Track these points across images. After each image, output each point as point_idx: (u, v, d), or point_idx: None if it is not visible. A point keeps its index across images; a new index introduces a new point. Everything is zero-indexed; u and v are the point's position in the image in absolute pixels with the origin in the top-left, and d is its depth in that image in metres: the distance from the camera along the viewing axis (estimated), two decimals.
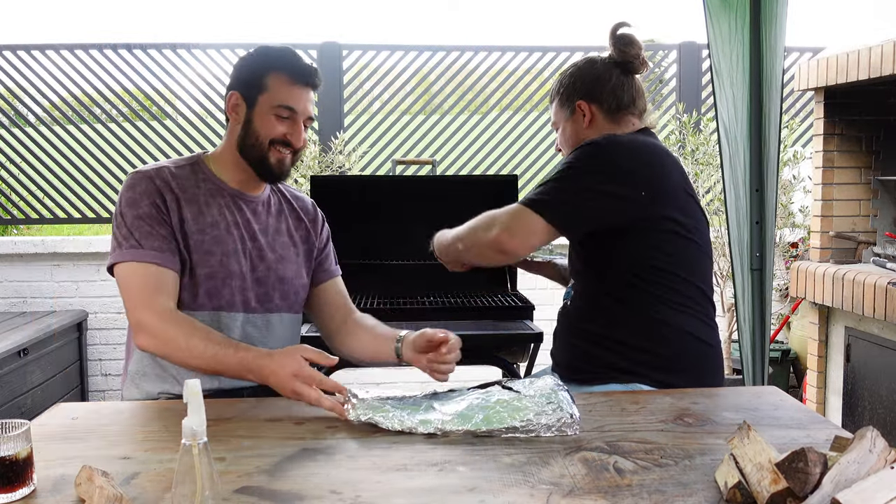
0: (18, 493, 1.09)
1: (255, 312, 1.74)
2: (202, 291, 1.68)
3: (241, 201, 1.77)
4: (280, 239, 1.80)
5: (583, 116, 1.79)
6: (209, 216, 1.70)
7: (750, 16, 2.59)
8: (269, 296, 1.76)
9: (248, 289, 1.72)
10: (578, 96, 1.78)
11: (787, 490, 0.95)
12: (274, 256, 1.77)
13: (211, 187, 1.74)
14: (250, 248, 1.74)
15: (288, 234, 1.83)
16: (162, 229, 1.65)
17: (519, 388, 1.44)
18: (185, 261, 1.67)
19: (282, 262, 1.78)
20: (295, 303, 1.82)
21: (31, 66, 4.57)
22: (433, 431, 1.32)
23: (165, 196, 1.67)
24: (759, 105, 2.62)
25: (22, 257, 4.29)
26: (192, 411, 0.99)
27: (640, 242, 1.65)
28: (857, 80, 3.13)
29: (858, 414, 3.27)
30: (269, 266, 1.76)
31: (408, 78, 4.83)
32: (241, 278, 1.72)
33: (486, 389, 1.47)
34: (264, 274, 1.75)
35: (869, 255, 3.42)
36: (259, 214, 1.79)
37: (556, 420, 1.32)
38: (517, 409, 1.36)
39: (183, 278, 1.67)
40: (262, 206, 1.80)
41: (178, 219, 1.67)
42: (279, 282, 1.77)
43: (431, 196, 2.99)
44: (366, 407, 1.39)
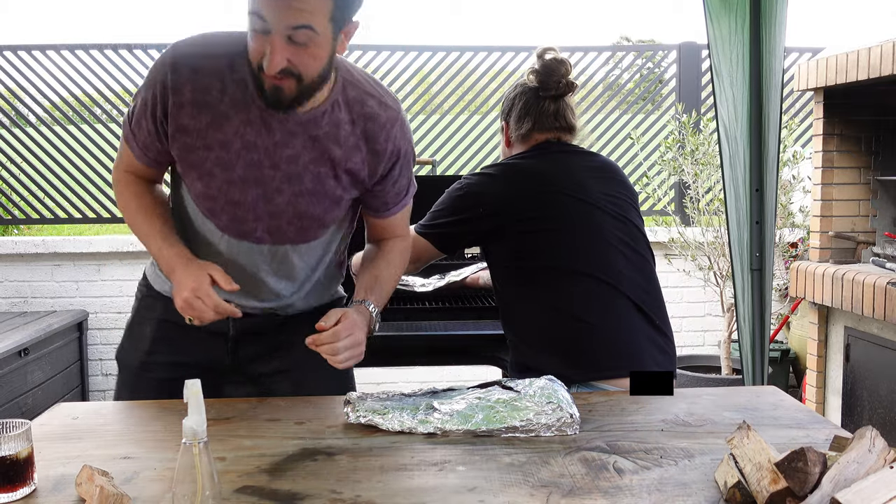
0: (19, 493, 1.09)
1: (262, 243, 1.53)
2: (202, 207, 1.52)
3: (274, 120, 1.43)
4: (317, 169, 1.48)
5: (503, 133, 1.97)
6: (222, 132, 1.43)
7: (750, 16, 2.59)
8: (283, 230, 1.52)
9: (257, 219, 1.50)
10: (502, 117, 1.96)
11: (787, 490, 0.95)
12: (297, 189, 1.48)
13: (240, 97, 1.42)
14: (269, 178, 1.46)
15: (332, 165, 1.48)
16: (146, 123, 1.47)
17: (519, 388, 1.44)
18: (182, 170, 1.50)
19: (308, 196, 1.49)
20: (318, 233, 1.56)
21: (31, 66, 4.57)
22: (433, 431, 1.32)
23: (171, 96, 1.42)
24: (759, 105, 2.62)
25: (22, 257, 4.29)
26: (192, 411, 0.99)
27: (502, 248, 1.81)
28: (857, 80, 3.13)
29: (858, 414, 3.27)
30: (288, 200, 1.48)
31: (408, 78, 4.83)
32: (248, 209, 1.49)
33: (485, 389, 1.47)
34: (280, 208, 1.49)
35: (868, 255, 3.42)
36: (295, 137, 1.45)
37: (555, 420, 1.33)
38: (517, 408, 1.36)
39: (188, 183, 1.51)
40: (305, 127, 1.45)
41: (178, 126, 1.44)
42: (298, 217, 1.51)
43: (431, 196, 2.99)
44: (365, 408, 1.38)
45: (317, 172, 1.48)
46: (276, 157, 1.45)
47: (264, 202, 1.49)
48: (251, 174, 1.46)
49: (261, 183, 1.47)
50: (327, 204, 1.52)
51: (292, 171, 1.47)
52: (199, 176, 1.48)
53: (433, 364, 2.58)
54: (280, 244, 1.54)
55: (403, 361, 2.48)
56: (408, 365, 2.51)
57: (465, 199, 1.83)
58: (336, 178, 1.50)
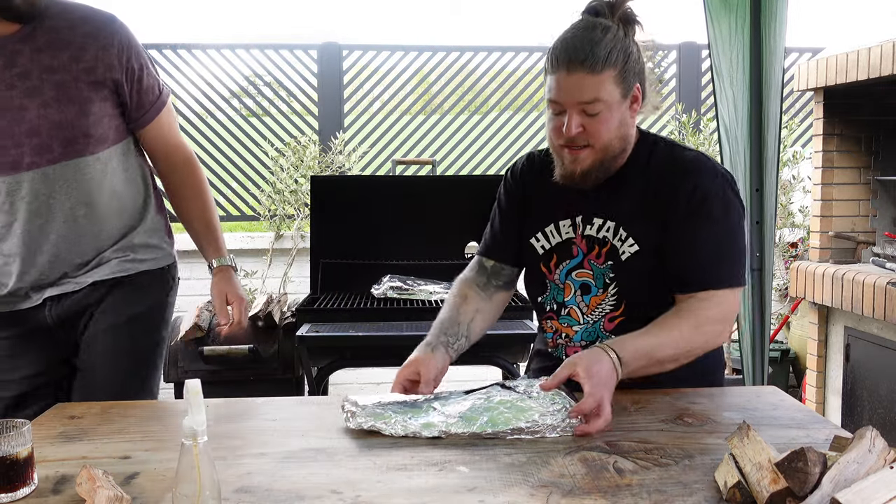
0: (19, 493, 1.09)
1: (37, 167, 1.56)
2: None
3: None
4: (53, 77, 1.54)
5: (632, 104, 1.53)
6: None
7: (750, 16, 2.59)
8: (49, 147, 1.55)
9: (17, 145, 1.54)
10: (637, 78, 1.51)
11: (787, 490, 0.95)
12: (41, 100, 1.53)
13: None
14: (8, 98, 1.53)
15: (66, 69, 1.55)
16: None
17: (520, 389, 1.43)
18: None
19: (55, 104, 1.54)
20: (87, 146, 1.59)
21: None
22: (437, 435, 1.30)
23: None
24: (759, 105, 2.62)
25: None
26: (192, 411, 0.99)
27: None
28: (857, 80, 3.13)
29: (858, 414, 3.27)
30: (38, 114, 1.53)
31: (408, 78, 4.83)
32: (5, 136, 1.53)
33: (486, 390, 1.47)
34: (34, 124, 1.53)
35: (868, 255, 3.42)
36: (19, 54, 1.54)
37: (560, 420, 1.32)
38: (521, 409, 1.35)
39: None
40: (24, 43, 1.54)
41: None
42: (56, 128, 1.55)
43: (431, 196, 2.99)
44: (367, 414, 1.37)
45: (54, 81, 1.54)
46: (8, 77, 1.53)
47: (16, 124, 1.53)
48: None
49: (4, 106, 1.52)
50: (77, 108, 1.56)
51: (30, 84, 1.53)
52: None
53: None
54: (53, 162, 1.56)
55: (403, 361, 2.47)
56: None
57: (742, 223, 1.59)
58: (75, 81, 1.56)
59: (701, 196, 1.51)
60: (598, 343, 1.51)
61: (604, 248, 1.58)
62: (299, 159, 4.42)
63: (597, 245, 1.58)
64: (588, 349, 1.43)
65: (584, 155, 1.51)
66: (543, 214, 1.65)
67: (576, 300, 1.61)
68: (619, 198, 1.57)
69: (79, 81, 1.56)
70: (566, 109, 1.48)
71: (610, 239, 1.57)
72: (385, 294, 2.69)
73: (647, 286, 1.55)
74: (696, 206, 1.50)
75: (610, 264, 1.57)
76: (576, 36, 1.46)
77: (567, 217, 1.62)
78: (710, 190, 1.51)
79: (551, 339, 1.66)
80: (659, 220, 1.54)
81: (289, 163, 4.43)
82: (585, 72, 1.44)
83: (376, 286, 2.73)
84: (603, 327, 1.59)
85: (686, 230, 1.51)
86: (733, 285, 1.51)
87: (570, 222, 1.62)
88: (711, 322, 1.49)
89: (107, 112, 1.61)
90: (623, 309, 1.57)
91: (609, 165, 1.54)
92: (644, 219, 1.55)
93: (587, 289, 1.60)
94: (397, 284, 2.73)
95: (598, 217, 1.59)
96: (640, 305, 1.54)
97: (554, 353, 1.66)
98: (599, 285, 1.58)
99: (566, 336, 1.63)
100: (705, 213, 1.50)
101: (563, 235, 1.62)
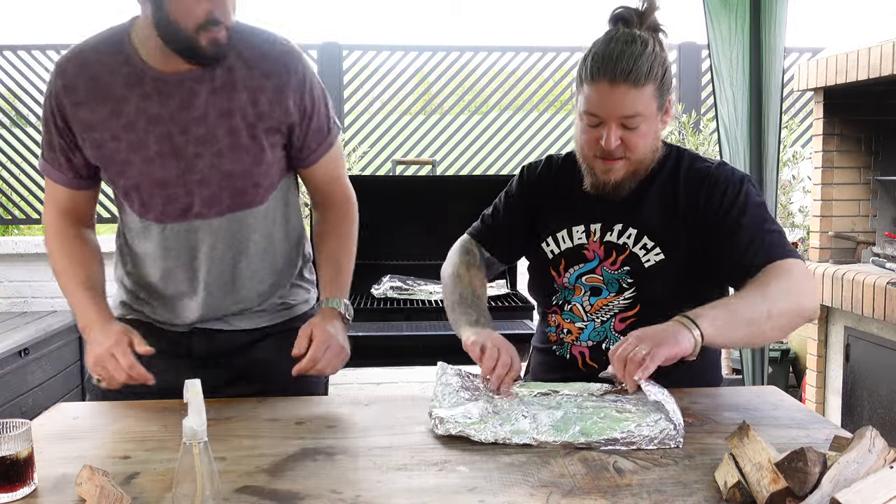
0: (19, 493, 1.09)
1: (203, 218, 1.48)
2: (136, 203, 1.49)
3: (169, 85, 1.42)
4: (228, 123, 1.44)
5: (664, 115, 1.55)
6: (124, 116, 1.42)
7: (750, 16, 2.59)
8: (218, 198, 1.48)
9: (188, 193, 1.47)
10: (670, 92, 1.54)
11: (787, 490, 0.95)
12: (216, 149, 1.45)
13: (129, 72, 1.42)
14: (183, 145, 1.44)
15: (241, 114, 1.45)
16: (56, 139, 1.48)
17: (622, 399, 1.40)
18: (105, 174, 1.50)
19: (229, 153, 1.45)
20: (256, 196, 1.51)
21: (31, 66, 4.57)
22: (528, 442, 1.26)
23: (64, 99, 1.44)
24: (759, 105, 2.62)
25: (23, 257, 4.30)
26: (192, 411, 0.99)
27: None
28: (857, 80, 3.13)
29: (858, 413, 3.27)
30: (210, 163, 1.45)
31: (408, 78, 4.83)
32: (176, 185, 1.46)
33: (578, 394, 1.44)
34: (206, 174, 1.45)
35: (868, 255, 3.42)
36: (196, 95, 1.43)
37: (658, 431, 1.25)
38: (617, 420, 1.29)
39: (117, 189, 1.51)
40: (201, 83, 1.43)
41: (84, 125, 1.44)
42: (226, 178, 1.46)
43: (431, 196, 2.99)
44: (455, 420, 1.31)
45: (228, 127, 1.44)
46: (183, 121, 1.43)
47: (188, 172, 1.45)
48: (166, 147, 1.44)
49: (178, 153, 1.44)
50: (251, 158, 1.47)
51: (203, 131, 1.44)
52: (121, 170, 1.46)
53: (433, 364, 2.58)
54: (221, 214, 1.49)
55: (403, 361, 2.48)
56: (408, 365, 2.51)
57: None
58: (250, 128, 1.46)
59: (733, 194, 1.53)
60: (606, 341, 1.55)
61: (621, 255, 1.58)
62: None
63: (615, 251, 1.58)
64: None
65: (618, 166, 1.51)
66: (557, 219, 1.65)
67: (581, 300, 1.61)
68: (644, 207, 1.58)
69: (254, 129, 1.46)
70: (604, 122, 1.48)
71: (630, 246, 1.57)
72: (385, 294, 2.69)
73: (668, 292, 1.56)
74: (731, 204, 1.52)
75: (627, 270, 1.57)
76: (618, 49, 1.45)
77: (581, 223, 1.62)
78: (740, 188, 1.54)
79: (554, 333, 1.66)
80: (690, 229, 1.55)
81: None
82: (629, 86, 1.44)
83: (376, 286, 2.73)
84: (613, 327, 1.59)
85: (730, 226, 1.51)
86: (794, 256, 1.49)
87: (583, 228, 1.62)
88: (796, 279, 1.43)
89: (277, 157, 1.52)
90: (638, 310, 1.57)
91: (640, 176, 1.56)
92: (672, 228, 1.56)
93: (597, 291, 1.60)
94: (397, 284, 2.74)
95: (618, 224, 1.59)
96: (655, 306, 1.54)
97: (558, 350, 1.65)
98: (612, 290, 1.58)
99: (570, 332, 1.63)
100: (740, 206, 1.52)
101: (574, 241, 1.62)
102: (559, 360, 1.63)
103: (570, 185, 1.65)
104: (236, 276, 1.56)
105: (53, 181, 1.53)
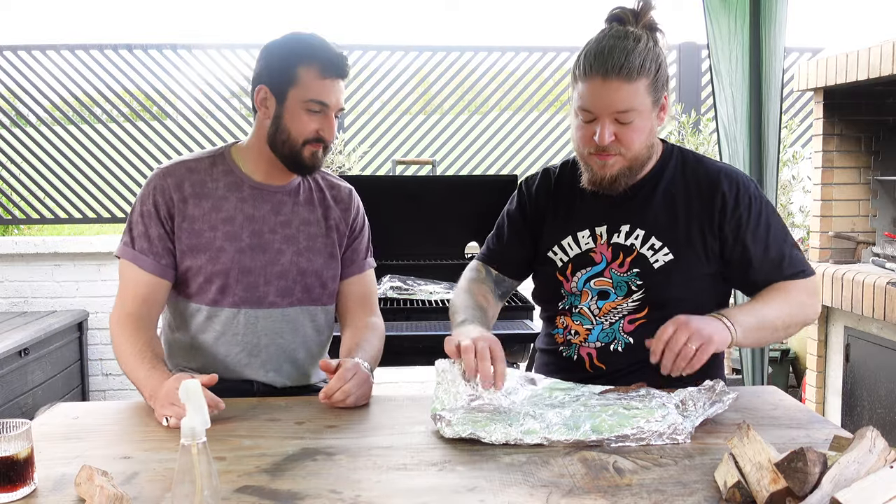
0: (19, 493, 1.09)
1: (275, 307, 1.72)
2: (214, 288, 1.68)
3: (264, 193, 1.72)
4: (308, 229, 1.75)
5: (660, 112, 1.55)
6: (224, 211, 1.68)
7: (749, 16, 2.59)
8: (290, 289, 1.72)
9: (267, 283, 1.70)
10: (665, 88, 1.55)
11: (787, 489, 0.95)
12: (296, 248, 1.73)
13: (231, 181, 1.71)
14: (270, 241, 1.70)
15: (317, 224, 1.77)
16: (154, 230, 1.66)
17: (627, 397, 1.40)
18: (191, 262, 1.66)
19: (306, 253, 1.73)
20: (322, 295, 1.77)
21: (31, 66, 4.57)
22: (539, 442, 1.26)
23: (173, 194, 1.67)
24: (759, 105, 2.62)
25: (23, 257, 4.30)
26: (192, 411, 0.99)
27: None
28: (857, 80, 3.13)
29: (857, 414, 3.27)
30: (290, 259, 1.72)
31: (408, 78, 4.83)
32: (259, 274, 1.69)
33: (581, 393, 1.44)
34: (285, 267, 1.71)
35: (868, 255, 3.42)
36: (284, 204, 1.74)
37: (667, 426, 1.27)
38: (626, 416, 1.30)
39: (197, 276, 1.68)
40: (289, 196, 1.75)
41: (185, 217, 1.66)
42: (301, 274, 1.73)
43: (431, 196, 2.99)
44: (464, 422, 1.30)
45: (308, 232, 1.75)
46: (273, 222, 1.72)
47: (271, 265, 1.71)
48: (256, 241, 1.70)
49: (265, 248, 1.70)
50: (323, 259, 1.75)
51: (288, 233, 1.73)
52: (211, 257, 1.67)
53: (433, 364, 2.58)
54: (291, 306, 1.73)
55: (403, 361, 2.47)
56: (408, 365, 2.51)
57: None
58: (325, 236, 1.77)
59: (753, 202, 1.57)
60: (615, 342, 1.57)
61: (629, 257, 1.58)
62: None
63: (622, 253, 1.58)
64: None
65: (612, 161, 1.51)
66: (561, 228, 1.65)
67: (589, 305, 1.61)
68: (651, 207, 1.59)
69: (326, 238, 1.77)
70: (598, 117, 1.48)
71: (637, 247, 1.58)
72: (385, 294, 2.69)
73: (678, 293, 1.56)
74: (756, 214, 1.56)
75: (636, 272, 1.57)
76: (609, 44, 1.46)
77: (586, 228, 1.62)
78: (756, 196, 1.59)
79: (561, 335, 1.65)
80: (702, 229, 1.56)
81: None
82: (622, 80, 1.44)
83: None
84: (622, 328, 1.59)
85: (758, 239, 1.56)
86: (811, 271, 1.59)
87: (588, 233, 1.62)
88: (808, 296, 1.57)
89: (340, 268, 1.80)
90: (647, 312, 1.57)
91: (636, 172, 1.56)
92: (681, 228, 1.57)
93: (605, 295, 1.59)
94: (397, 284, 2.74)
95: (625, 225, 1.59)
96: (665, 308, 1.54)
97: (565, 352, 1.64)
98: (620, 293, 1.58)
99: (577, 334, 1.62)
100: (764, 217, 1.57)
101: (582, 247, 1.62)
102: (566, 361, 1.63)
103: (571, 192, 1.65)
104: (289, 360, 1.76)
105: (141, 268, 1.66)
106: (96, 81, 4.62)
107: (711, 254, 1.57)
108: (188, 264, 1.67)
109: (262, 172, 1.73)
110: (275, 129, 1.67)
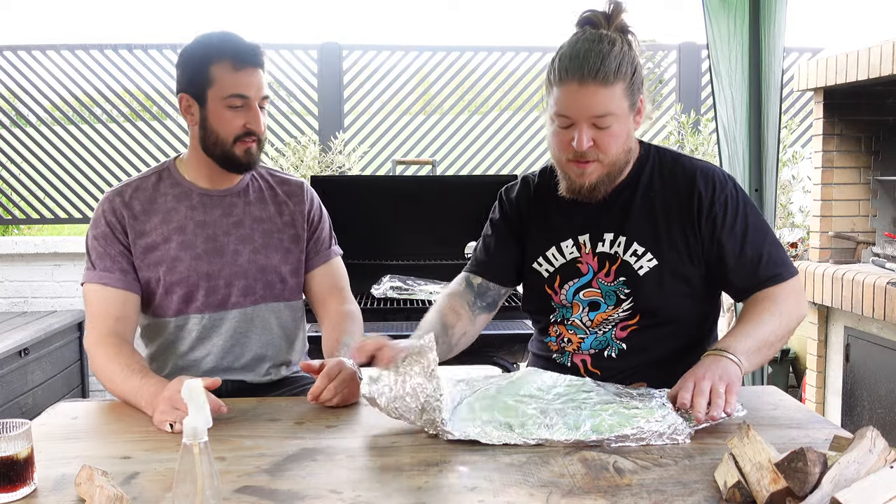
0: (19, 493, 1.09)
1: (239, 307, 1.74)
2: (176, 298, 1.70)
3: (213, 198, 1.75)
4: (262, 227, 1.77)
5: (636, 116, 1.53)
6: (175, 222, 1.71)
7: (749, 16, 2.59)
8: (252, 288, 1.75)
9: (228, 285, 1.72)
10: (641, 91, 1.52)
11: (787, 490, 0.95)
12: (252, 247, 1.75)
13: (179, 192, 1.74)
14: (226, 244, 1.73)
15: (270, 221, 1.79)
16: (113, 248, 1.67)
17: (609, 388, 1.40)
18: (150, 275, 1.68)
19: (263, 250, 1.76)
20: (283, 291, 1.79)
21: (31, 66, 4.58)
22: (539, 442, 1.26)
23: (123, 212, 1.69)
24: (759, 105, 2.62)
25: (23, 257, 4.30)
26: (193, 411, 0.99)
27: None
28: (857, 80, 3.13)
29: (857, 414, 3.27)
30: (248, 258, 1.74)
31: (408, 78, 4.83)
32: (219, 277, 1.72)
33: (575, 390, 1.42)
34: (244, 267, 1.73)
35: (868, 255, 3.42)
36: (235, 206, 1.76)
37: (667, 426, 1.27)
38: (627, 416, 1.30)
39: (157, 289, 1.70)
40: (239, 197, 1.77)
41: (137, 233, 1.68)
42: (261, 272, 1.75)
43: (431, 196, 2.99)
44: (459, 420, 1.30)
45: (262, 229, 1.76)
46: (226, 225, 1.74)
47: (230, 266, 1.73)
48: (211, 246, 1.72)
49: (221, 251, 1.72)
50: (280, 254, 1.77)
51: (243, 233, 1.75)
52: (168, 268, 1.69)
53: None
54: (255, 304, 1.75)
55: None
56: None
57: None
58: (280, 231, 1.79)
59: (729, 201, 1.54)
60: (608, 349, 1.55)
61: (614, 266, 1.57)
62: (299, 159, 4.42)
63: (608, 262, 1.57)
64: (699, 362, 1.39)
65: (591, 168, 1.49)
66: (545, 238, 1.63)
67: (581, 317, 1.60)
68: (630, 213, 1.57)
69: (282, 233, 1.79)
70: (575, 123, 1.45)
71: (621, 255, 1.56)
72: (385, 294, 2.69)
73: (665, 298, 1.55)
74: (732, 213, 1.53)
75: (623, 280, 1.56)
76: (584, 48, 1.44)
77: (569, 237, 1.60)
78: (733, 194, 1.55)
79: (555, 343, 1.64)
80: (684, 231, 1.54)
81: (289, 163, 4.43)
82: (598, 84, 1.42)
83: (376, 286, 2.73)
84: (614, 336, 1.58)
85: (733, 238, 1.53)
86: (794, 270, 1.56)
87: (572, 242, 1.60)
88: (796, 300, 1.53)
89: (300, 262, 1.82)
90: (638, 318, 1.56)
91: (615, 178, 1.54)
92: (663, 232, 1.55)
93: (596, 306, 1.58)
94: (397, 284, 2.74)
95: (608, 233, 1.58)
96: (655, 315, 1.54)
97: (558, 359, 1.63)
98: (610, 303, 1.57)
99: (570, 342, 1.62)
100: (741, 216, 1.54)
101: (567, 256, 1.61)
102: (560, 368, 1.61)
103: (551, 200, 1.62)
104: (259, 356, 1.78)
105: (109, 286, 1.66)
106: (96, 81, 4.62)
107: (695, 256, 1.55)
108: (147, 277, 1.69)
109: (206, 178, 1.75)
110: (204, 133, 1.68)
